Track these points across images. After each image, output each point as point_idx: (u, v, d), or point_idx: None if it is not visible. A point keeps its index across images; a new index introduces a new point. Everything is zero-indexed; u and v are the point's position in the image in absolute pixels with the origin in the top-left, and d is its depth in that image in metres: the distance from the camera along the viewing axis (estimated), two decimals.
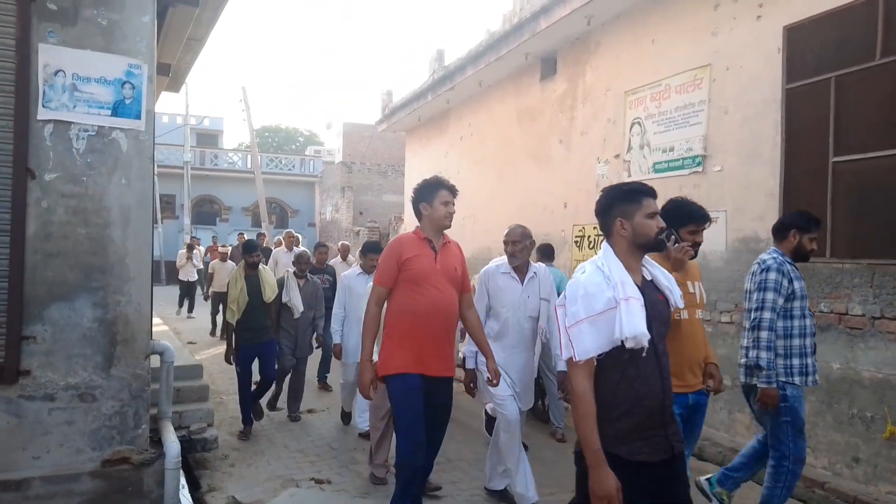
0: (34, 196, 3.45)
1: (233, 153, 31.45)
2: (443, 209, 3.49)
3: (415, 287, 3.36)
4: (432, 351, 3.38)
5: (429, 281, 3.37)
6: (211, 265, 12.03)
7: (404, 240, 3.51)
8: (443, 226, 3.51)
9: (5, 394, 3.39)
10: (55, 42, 3.49)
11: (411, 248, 3.43)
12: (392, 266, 3.41)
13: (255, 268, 5.80)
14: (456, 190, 3.58)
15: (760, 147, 5.19)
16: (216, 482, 4.62)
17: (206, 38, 6.06)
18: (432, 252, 3.45)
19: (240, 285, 5.66)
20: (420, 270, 3.37)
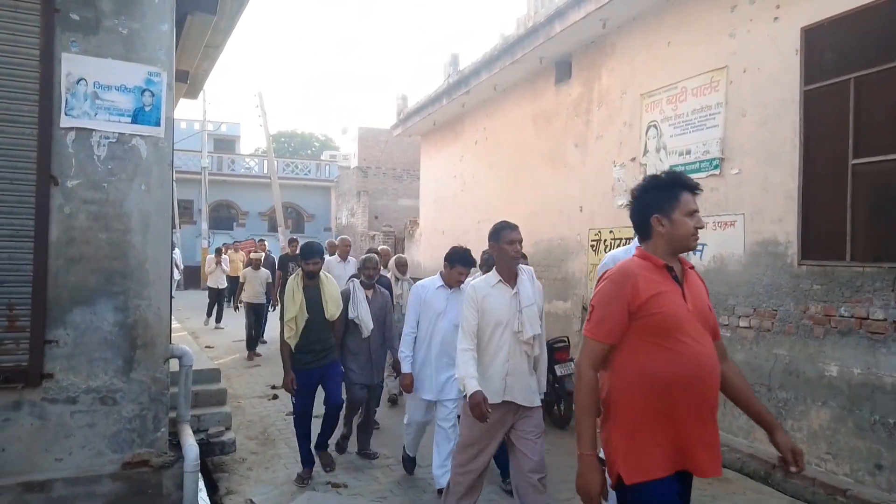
0: (57, 202, 3.52)
1: (249, 158, 31.70)
2: (688, 224, 2.33)
3: (663, 340, 2.23)
4: (696, 436, 2.23)
5: (682, 329, 2.23)
6: (242, 273, 10.90)
7: (633, 269, 2.31)
8: (688, 247, 2.39)
9: (29, 397, 3.45)
10: (77, 51, 3.56)
11: (649, 280, 2.27)
12: (621, 311, 2.26)
13: (315, 277, 4.88)
14: (700, 189, 2.44)
15: (779, 149, 5.14)
16: (234, 485, 4.66)
17: (224, 45, 6.14)
18: (677, 286, 2.31)
19: (299, 300, 4.76)
20: (670, 315, 2.23)
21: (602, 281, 2.38)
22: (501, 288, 3.55)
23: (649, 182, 2.41)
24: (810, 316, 4.82)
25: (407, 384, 4.63)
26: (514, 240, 3.56)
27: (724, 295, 5.58)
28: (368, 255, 5.58)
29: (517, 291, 3.53)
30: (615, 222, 7.16)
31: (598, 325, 2.30)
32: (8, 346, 3.40)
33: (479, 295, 3.55)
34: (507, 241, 3.53)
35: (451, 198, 12.43)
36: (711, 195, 5.78)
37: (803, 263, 4.90)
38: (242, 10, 5.35)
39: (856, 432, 4.47)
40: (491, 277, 3.62)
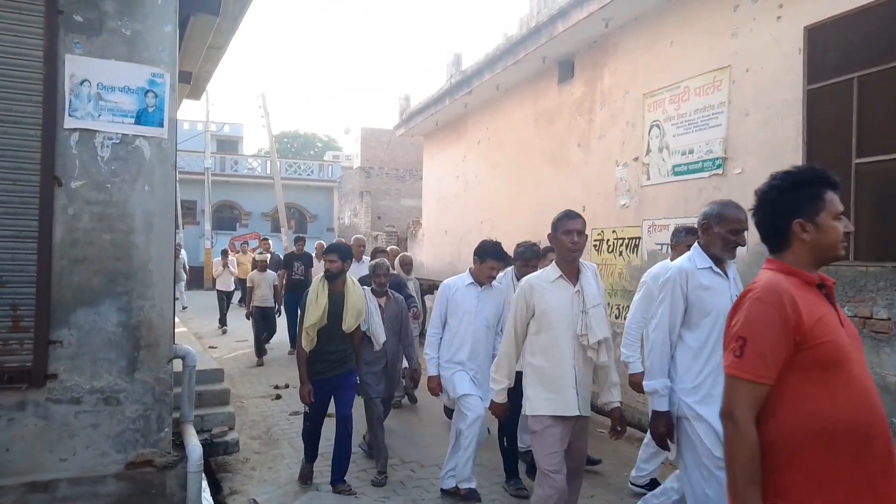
0: (61, 203, 3.53)
1: (252, 159, 31.75)
2: (837, 228, 1.90)
3: (833, 376, 1.73)
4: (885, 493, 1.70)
5: (850, 362, 1.76)
6: (249, 277, 10.21)
7: (785, 287, 1.80)
8: (836, 257, 1.92)
9: (33, 397, 3.46)
10: (81, 53, 3.58)
11: (807, 301, 1.80)
12: (780, 341, 1.73)
13: (337, 280, 4.54)
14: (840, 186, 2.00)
15: (781, 149, 5.13)
16: (237, 485, 4.67)
17: (226, 46, 6.15)
18: (829, 306, 1.85)
19: (323, 305, 4.41)
20: (838, 344, 1.76)
21: (751, 302, 1.81)
22: (562, 284, 3.20)
23: (784, 179, 1.94)
24: None
25: (434, 387, 4.44)
26: (571, 230, 3.15)
27: None
28: (378, 261, 5.23)
29: (580, 289, 3.18)
30: (618, 222, 7.15)
31: (757, 361, 1.72)
32: (12, 346, 3.42)
33: (531, 291, 3.19)
34: (564, 230, 3.16)
35: (453, 198, 12.43)
36: (714, 194, 5.77)
37: None
38: (245, 11, 5.36)
39: None
40: (550, 272, 3.24)
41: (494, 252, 4.33)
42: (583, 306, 3.14)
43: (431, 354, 4.45)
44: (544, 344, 3.20)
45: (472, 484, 4.34)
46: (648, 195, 6.66)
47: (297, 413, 6.58)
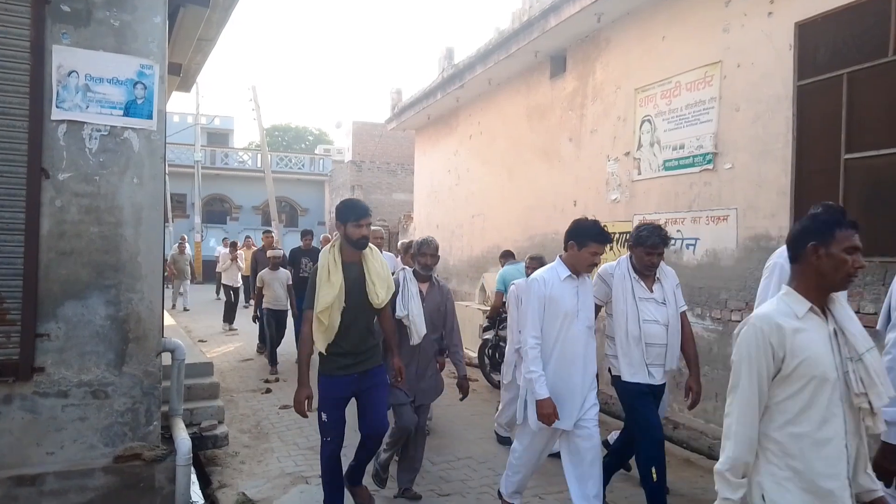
0: (48, 195, 3.50)
1: (243, 152, 31.57)
2: None
3: None
4: None
5: None
6: (259, 276, 8.69)
7: None
8: None
9: (20, 390, 3.44)
10: (68, 43, 3.54)
11: None
12: None
13: (361, 249, 3.54)
14: None
15: (772, 144, 5.16)
16: (226, 479, 4.66)
17: (217, 38, 6.10)
18: None
19: (337, 282, 3.44)
20: None
21: None
22: (815, 321, 2.05)
23: None
24: None
25: (549, 413, 3.40)
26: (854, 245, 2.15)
27: (716, 289, 5.61)
28: (426, 239, 4.41)
29: (835, 327, 2.07)
30: (609, 217, 7.17)
31: None
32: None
33: (780, 333, 1.98)
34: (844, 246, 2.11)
35: (445, 192, 12.43)
36: (704, 190, 5.80)
37: None
38: (236, 3, 5.32)
39: None
40: (796, 305, 2.07)
41: (597, 233, 3.51)
42: (850, 352, 2.01)
43: (538, 371, 3.44)
44: (801, 412, 1.96)
45: None
46: (639, 190, 6.68)
47: (286, 407, 6.57)
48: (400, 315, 4.09)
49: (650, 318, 3.82)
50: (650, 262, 3.81)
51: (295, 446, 5.40)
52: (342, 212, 3.55)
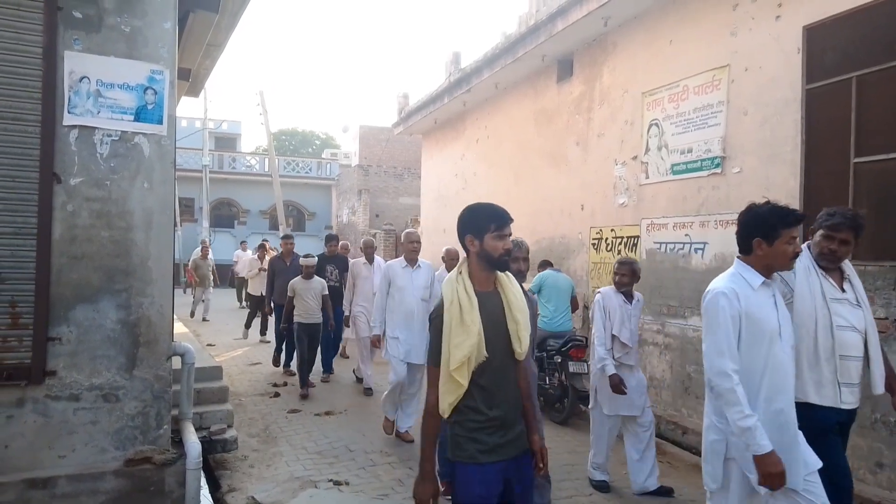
0: (60, 200, 3.52)
1: (251, 157, 31.70)
2: None
3: None
4: None
5: None
6: (290, 286, 7.57)
7: None
8: None
9: (32, 394, 3.46)
10: (80, 49, 3.57)
11: None
12: None
13: (504, 270, 2.53)
14: None
15: (780, 148, 5.14)
16: (236, 483, 4.67)
17: (225, 43, 6.14)
18: None
19: (474, 323, 2.35)
20: None
21: None
22: None
23: None
24: None
25: (778, 473, 2.51)
26: None
27: None
28: (517, 241, 3.52)
29: None
30: (616, 221, 7.16)
31: None
32: (11, 343, 3.41)
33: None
34: None
35: (452, 196, 12.44)
36: (713, 193, 5.79)
37: None
38: (244, 8, 5.35)
39: (857, 430, 4.46)
40: None
41: (787, 214, 2.75)
42: None
43: (749, 416, 2.57)
44: None
45: None
46: (647, 194, 6.67)
47: (295, 411, 6.60)
48: None
49: (845, 325, 3.01)
50: (829, 249, 3.05)
51: (304, 450, 5.41)
52: (476, 219, 2.54)
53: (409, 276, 5.75)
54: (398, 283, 5.71)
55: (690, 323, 5.98)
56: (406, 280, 5.72)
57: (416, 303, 5.67)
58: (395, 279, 5.74)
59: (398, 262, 5.85)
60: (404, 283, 5.69)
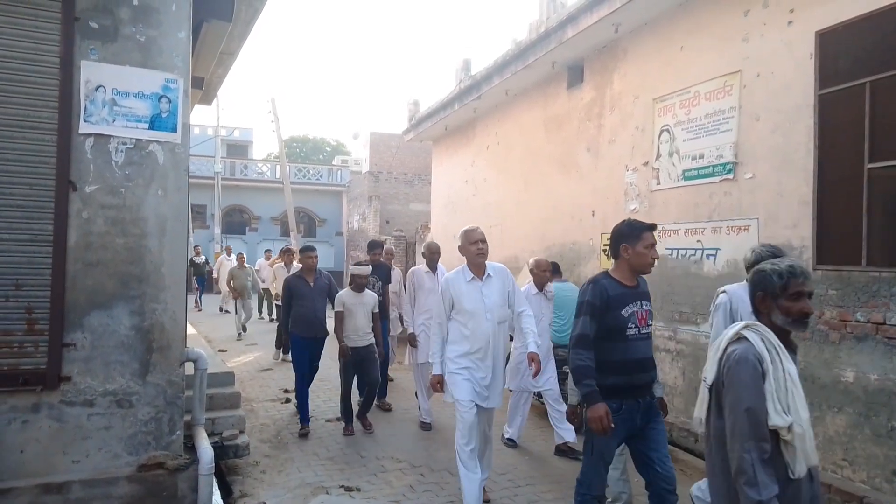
0: (75, 207, 3.57)
1: (262, 164, 31.90)
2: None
3: None
4: None
5: None
6: (338, 299, 6.20)
7: None
8: None
9: (47, 399, 3.50)
10: (96, 59, 3.62)
11: None
12: None
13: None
14: None
15: (793, 154, 5.11)
16: (248, 488, 4.69)
17: (238, 51, 6.20)
18: None
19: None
20: None
21: None
22: None
23: None
24: (825, 321, 4.78)
25: None
26: None
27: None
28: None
29: None
30: None
31: None
32: (27, 349, 3.45)
33: None
34: None
35: (462, 202, 12.45)
36: (725, 199, 5.76)
37: (818, 268, 4.87)
38: (257, 17, 5.41)
39: (873, 439, 4.42)
40: None
41: None
42: None
43: None
44: None
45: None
46: (658, 200, 6.65)
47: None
48: None
49: None
50: None
51: (315, 456, 5.41)
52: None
53: (479, 293, 4.19)
54: (465, 306, 4.15)
55: (703, 329, 5.94)
56: (474, 298, 4.17)
57: (492, 329, 4.15)
58: (459, 299, 4.18)
59: (460, 276, 4.27)
60: (474, 306, 4.15)
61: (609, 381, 3.25)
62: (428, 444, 5.88)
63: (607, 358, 3.28)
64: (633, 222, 3.41)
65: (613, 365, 3.27)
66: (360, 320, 6.16)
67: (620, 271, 3.41)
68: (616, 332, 3.29)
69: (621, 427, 3.27)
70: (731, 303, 3.84)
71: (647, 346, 3.39)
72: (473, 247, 4.27)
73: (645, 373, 3.36)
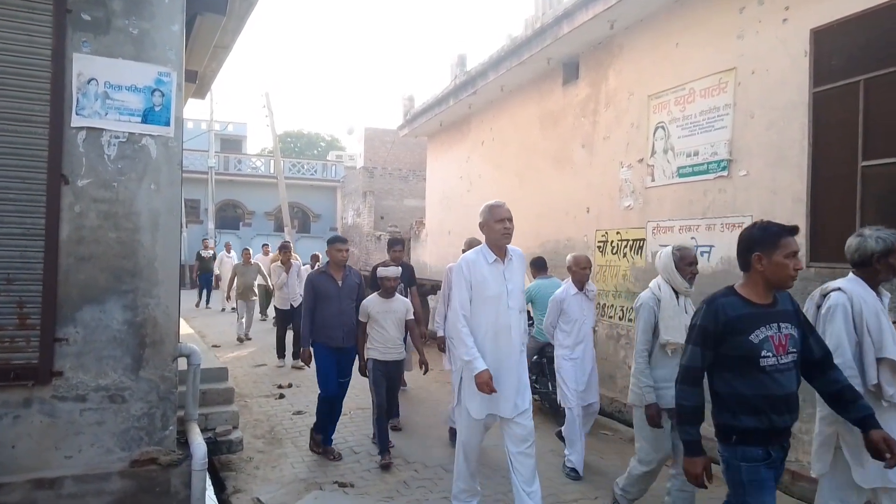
0: (67, 201, 3.54)
1: (256, 158, 31.80)
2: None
3: None
4: None
5: None
6: (363, 308, 5.33)
7: None
8: None
9: (39, 394, 3.48)
10: (88, 51, 3.59)
11: None
12: None
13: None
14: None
15: (787, 151, 5.13)
16: (241, 484, 4.68)
17: (232, 45, 6.16)
18: None
19: None
20: None
21: None
22: None
23: None
24: None
25: None
26: None
27: None
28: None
29: None
30: (622, 223, 7.15)
31: None
32: (18, 343, 3.43)
33: None
34: None
35: (457, 198, 12.44)
36: (719, 197, 5.77)
37: (812, 265, 4.89)
38: (251, 11, 5.38)
39: None
40: None
41: None
42: None
43: None
44: None
45: None
46: (653, 197, 6.66)
47: (300, 413, 6.60)
48: None
49: None
50: None
51: (309, 452, 5.41)
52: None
53: (501, 277, 3.74)
54: (488, 292, 3.68)
55: None
56: (497, 283, 3.71)
57: (515, 317, 3.73)
58: (483, 284, 3.70)
59: (479, 255, 3.80)
60: (497, 291, 3.69)
61: (744, 422, 2.61)
62: (422, 440, 5.88)
63: (739, 392, 2.62)
64: (767, 225, 2.69)
65: (747, 402, 2.60)
66: (389, 331, 5.27)
67: (751, 286, 2.70)
68: (746, 363, 2.60)
69: (771, 480, 2.65)
70: (853, 304, 3.10)
71: (790, 380, 2.64)
72: (499, 225, 3.72)
73: (789, 413, 2.64)
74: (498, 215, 3.76)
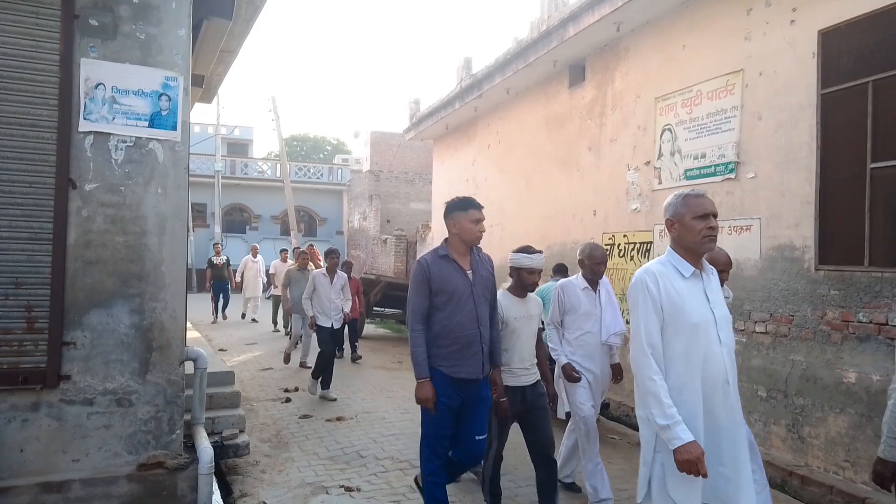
0: (75, 205, 3.55)
1: (262, 162, 31.89)
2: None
3: None
4: None
5: None
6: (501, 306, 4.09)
7: None
8: None
9: (47, 398, 3.48)
10: (96, 56, 3.60)
11: None
12: None
13: None
14: None
15: (795, 153, 5.10)
16: (248, 488, 4.68)
17: (238, 49, 6.18)
18: None
19: None
20: None
21: None
22: None
23: None
24: (828, 321, 4.77)
25: None
26: None
27: (740, 300, 5.53)
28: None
29: None
30: (629, 226, 7.12)
31: None
32: (27, 347, 3.44)
33: None
34: None
35: None
36: (727, 199, 5.74)
37: (820, 268, 4.85)
38: (258, 15, 5.39)
39: (875, 440, 4.40)
40: None
41: None
42: None
43: None
44: None
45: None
46: (660, 199, 6.63)
47: (306, 416, 6.60)
48: None
49: None
50: None
51: (315, 456, 5.40)
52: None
53: (702, 295, 2.68)
54: (687, 317, 2.56)
55: None
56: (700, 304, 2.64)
57: (730, 359, 2.70)
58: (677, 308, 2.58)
59: (667, 266, 2.73)
60: (702, 316, 2.59)
61: None
62: None
63: None
64: None
65: None
66: (524, 343, 3.90)
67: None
68: None
69: None
70: None
71: None
72: (701, 223, 2.69)
73: None
74: (700, 208, 2.67)
